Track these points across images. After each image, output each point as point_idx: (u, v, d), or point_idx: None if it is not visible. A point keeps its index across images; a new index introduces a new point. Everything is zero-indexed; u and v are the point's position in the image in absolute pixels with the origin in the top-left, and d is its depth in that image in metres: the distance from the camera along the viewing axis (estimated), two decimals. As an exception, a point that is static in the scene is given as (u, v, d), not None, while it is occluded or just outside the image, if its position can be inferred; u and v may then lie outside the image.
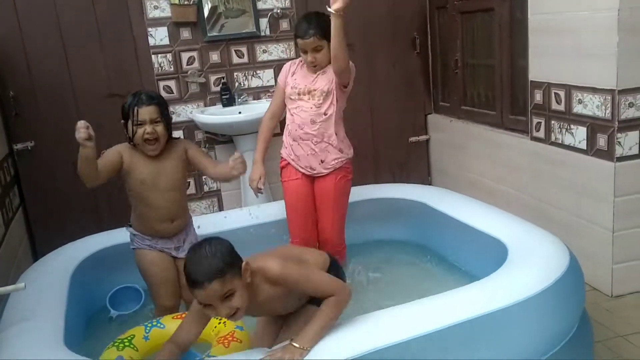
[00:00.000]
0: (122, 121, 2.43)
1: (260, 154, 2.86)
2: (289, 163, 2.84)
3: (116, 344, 2.12)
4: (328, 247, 2.75)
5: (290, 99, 2.77)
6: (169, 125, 2.45)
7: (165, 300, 2.51)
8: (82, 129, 2.21)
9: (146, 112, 2.35)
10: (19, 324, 2.00)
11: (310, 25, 2.62)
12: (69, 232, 3.05)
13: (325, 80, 2.70)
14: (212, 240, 1.76)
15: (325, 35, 2.58)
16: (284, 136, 2.88)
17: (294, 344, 1.76)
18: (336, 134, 2.74)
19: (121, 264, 2.74)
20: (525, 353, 1.98)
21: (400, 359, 1.79)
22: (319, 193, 2.82)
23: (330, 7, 2.40)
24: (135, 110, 2.34)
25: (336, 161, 2.77)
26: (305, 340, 1.77)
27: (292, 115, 2.78)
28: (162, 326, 2.26)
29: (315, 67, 2.70)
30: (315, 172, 2.78)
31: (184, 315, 2.26)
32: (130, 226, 2.56)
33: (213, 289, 1.67)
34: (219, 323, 2.25)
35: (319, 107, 2.71)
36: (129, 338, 2.15)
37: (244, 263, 1.77)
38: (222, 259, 1.70)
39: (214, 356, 2.01)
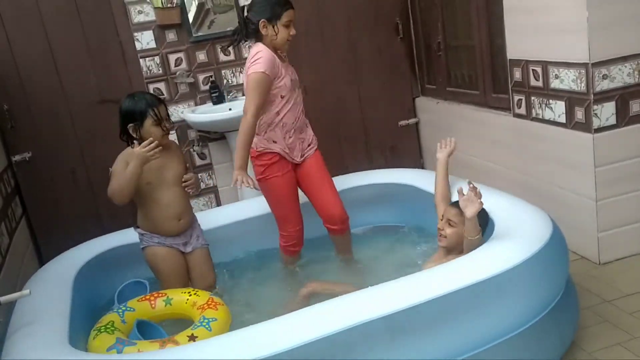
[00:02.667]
0: (131, 125, 2.50)
1: (245, 160, 2.59)
2: (281, 157, 2.74)
3: (102, 329, 2.18)
4: (335, 220, 2.81)
5: (282, 95, 2.66)
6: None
7: None
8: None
9: (163, 110, 2.53)
10: (26, 327, 2.10)
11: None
12: (72, 237, 3.14)
13: (292, 68, 2.77)
14: None
15: None
16: (267, 133, 2.71)
17: None
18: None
19: (122, 264, 2.85)
20: (513, 319, 2.07)
21: (389, 330, 1.89)
22: (309, 173, 2.82)
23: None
24: (156, 111, 2.49)
25: (313, 137, 2.86)
26: None
27: (287, 110, 2.69)
28: (132, 309, 2.37)
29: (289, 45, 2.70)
30: (304, 156, 2.82)
31: (147, 297, 2.43)
32: (138, 227, 2.66)
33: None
34: (190, 296, 2.40)
35: (300, 94, 2.78)
36: (110, 323, 2.24)
37: None
38: None
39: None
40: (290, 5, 2.63)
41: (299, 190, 2.88)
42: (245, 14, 2.69)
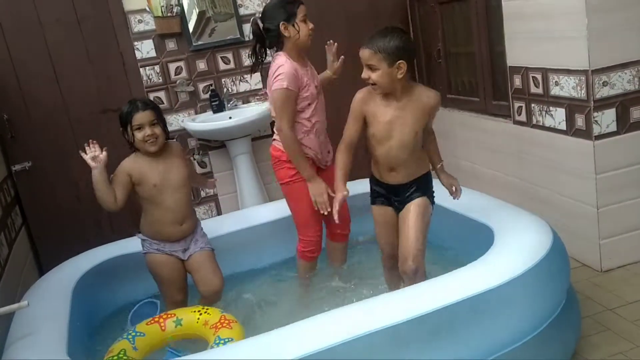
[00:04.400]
0: (121, 129, 2.58)
1: (312, 170, 2.66)
2: (312, 162, 2.72)
3: (114, 359, 2.16)
4: (341, 226, 2.78)
5: (309, 103, 2.66)
6: (165, 126, 2.62)
7: (174, 295, 2.67)
8: (86, 149, 2.48)
9: (143, 116, 2.51)
10: (24, 338, 2.10)
11: None
12: (72, 246, 3.14)
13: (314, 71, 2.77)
14: (400, 31, 2.25)
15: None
16: (303, 140, 2.68)
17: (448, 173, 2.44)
18: None
19: (122, 274, 2.85)
20: (515, 331, 2.06)
21: (392, 341, 1.88)
22: (327, 182, 2.73)
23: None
24: (133, 117, 2.50)
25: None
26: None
27: (317, 114, 2.69)
28: (142, 334, 2.33)
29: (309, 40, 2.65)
30: (327, 163, 2.80)
31: (155, 320, 2.39)
32: (139, 232, 2.68)
33: (366, 52, 2.24)
34: (201, 314, 2.36)
35: (322, 95, 2.78)
36: (123, 352, 2.20)
37: (403, 64, 2.20)
38: (394, 42, 2.19)
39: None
40: (301, 1, 2.64)
41: None
42: (261, 26, 2.67)
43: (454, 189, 2.48)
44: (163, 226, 2.60)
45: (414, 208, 2.39)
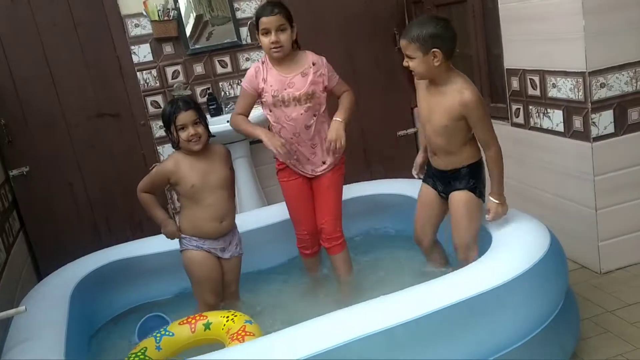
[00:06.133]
0: (164, 129, 2.60)
1: (252, 126, 2.73)
2: (286, 166, 2.78)
3: (130, 358, 2.18)
4: (323, 236, 2.81)
5: (273, 106, 2.66)
6: (207, 125, 2.61)
7: (208, 297, 2.62)
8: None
9: (186, 116, 2.50)
10: (22, 343, 2.09)
11: (275, 5, 2.61)
12: (70, 251, 3.14)
13: (304, 82, 2.64)
14: (437, 20, 2.31)
15: (288, 18, 2.60)
16: None
17: (494, 200, 2.39)
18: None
19: (120, 279, 2.84)
20: (513, 333, 2.06)
21: (388, 343, 1.87)
22: (318, 189, 2.83)
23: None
24: (176, 117, 2.50)
25: (336, 159, 2.80)
26: (499, 195, 2.39)
27: (280, 124, 2.68)
28: (171, 334, 2.33)
29: (279, 51, 2.59)
30: (317, 173, 2.79)
31: (188, 320, 2.37)
32: (181, 233, 2.63)
33: (403, 42, 2.31)
34: (228, 321, 2.32)
35: (307, 111, 2.66)
36: (142, 351, 2.22)
37: (438, 52, 2.25)
38: (427, 31, 2.24)
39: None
40: (265, 14, 2.57)
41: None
42: None
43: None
44: (202, 222, 2.58)
45: (456, 200, 2.47)
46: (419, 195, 2.66)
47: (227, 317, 2.35)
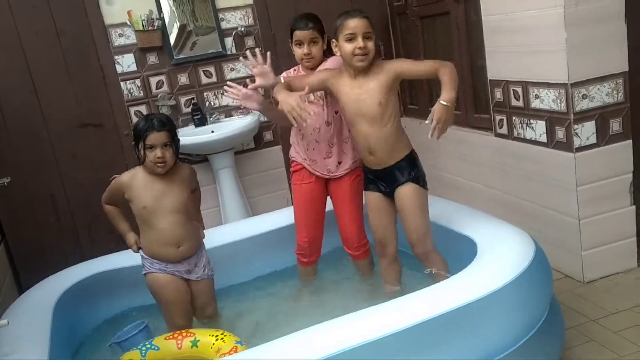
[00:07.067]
0: (133, 142, 2.51)
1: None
2: (303, 167, 2.83)
3: None
4: (349, 245, 2.86)
5: None
6: (177, 149, 2.53)
7: (177, 320, 2.53)
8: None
9: (158, 137, 2.42)
10: (4, 357, 2.05)
11: (309, 19, 2.72)
12: (52, 263, 3.11)
13: None
14: None
15: (321, 31, 2.72)
16: (293, 140, 2.87)
17: (442, 102, 2.25)
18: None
19: (103, 291, 2.81)
20: (498, 343, 2.06)
21: (373, 356, 1.87)
22: (336, 195, 2.84)
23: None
24: (147, 136, 2.42)
25: (353, 162, 2.80)
26: (449, 97, 2.26)
27: None
28: (156, 348, 2.30)
29: (310, 62, 2.72)
30: (332, 174, 2.80)
31: (175, 335, 2.34)
32: (141, 249, 2.58)
33: (364, 21, 2.34)
34: (217, 340, 2.29)
35: (329, 107, 2.72)
36: None
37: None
38: None
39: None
40: (300, 27, 2.70)
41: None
42: None
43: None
44: (159, 247, 2.50)
45: (404, 193, 2.47)
46: (366, 204, 2.64)
47: (217, 336, 2.32)
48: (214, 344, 2.28)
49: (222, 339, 2.29)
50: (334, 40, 2.50)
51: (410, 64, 2.46)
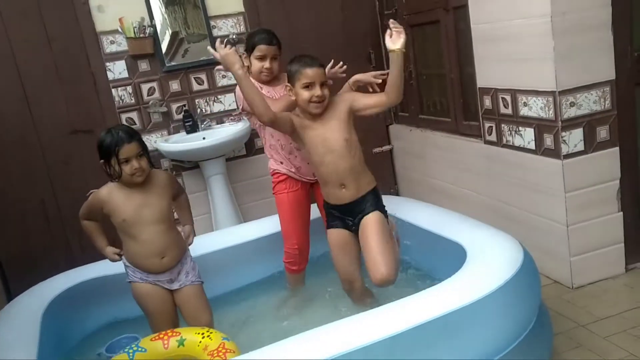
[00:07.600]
0: (102, 161, 2.40)
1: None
2: (288, 177, 2.86)
3: None
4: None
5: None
6: (149, 156, 2.46)
7: (163, 329, 2.48)
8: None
9: (130, 149, 2.35)
10: (-8, 366, 2.04)
11: (274, 35, 2.78)
12: (42, 270, 3.07)
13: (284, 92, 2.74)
14: None
15: (281, 48, 2.82)
16: (271, 154, 2.89)
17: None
18: None
19: (93, 298, 2.79)
20: (487, 349, 2.07)
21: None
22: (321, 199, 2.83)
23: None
24: (119, 150, 2.34)
25: None
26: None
27: (278, 133, 2.78)
28: (143, 350, 2.29)
29: (269, 76, 2.81)
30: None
31: (160, 336, 2.33)
32: (123, 256, 2.54)
33: (321, 70, 2.47)
34: (204, 337, 2.29)
35: None
36: None
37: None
38: None
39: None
40: (266, 43, 2.76)
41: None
42: None
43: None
44: (141, 258, 2.47)
45: (371, 220, 2.51)
46: (330, 241, 2.65)
47: (202, 333, 2.32)
48: (200, 341, 2.28)
49: (208, 336, 2.30)
50: (288, 84, 2.55)
51: (361, 96, 2.60)
